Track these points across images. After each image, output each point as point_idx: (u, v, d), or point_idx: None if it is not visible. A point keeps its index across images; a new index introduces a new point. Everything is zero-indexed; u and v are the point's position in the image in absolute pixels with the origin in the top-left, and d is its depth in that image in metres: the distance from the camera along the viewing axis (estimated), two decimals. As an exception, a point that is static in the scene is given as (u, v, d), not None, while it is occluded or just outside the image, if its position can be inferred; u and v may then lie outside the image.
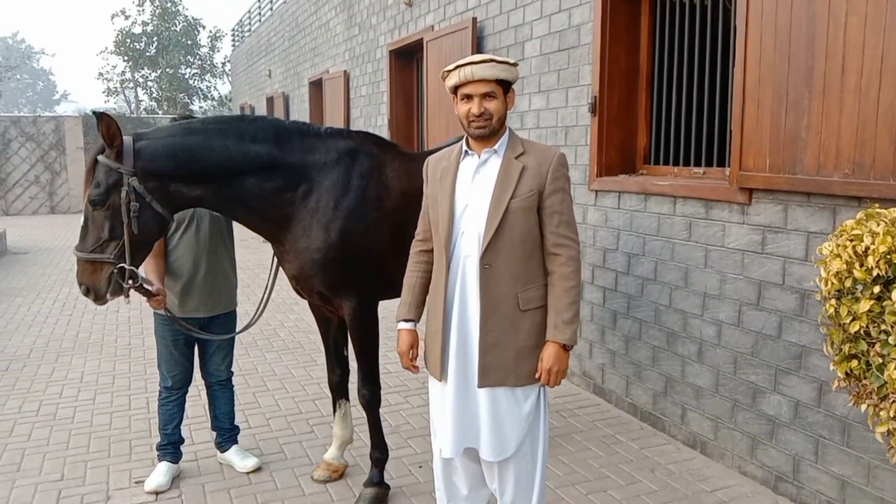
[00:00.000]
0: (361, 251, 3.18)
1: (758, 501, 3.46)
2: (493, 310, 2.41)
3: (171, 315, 3.43)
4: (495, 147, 2.47)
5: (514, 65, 2.44)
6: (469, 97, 2.41)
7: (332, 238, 3.12)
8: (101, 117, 2.79)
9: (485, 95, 2.39)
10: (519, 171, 2.42)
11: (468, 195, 2.46)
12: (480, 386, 2.44)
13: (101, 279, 2.91)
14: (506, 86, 2.44)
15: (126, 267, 2.90)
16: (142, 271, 3.18)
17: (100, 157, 2.88)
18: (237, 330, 3.76)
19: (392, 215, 3.26)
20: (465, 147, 2.53)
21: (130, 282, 2.93)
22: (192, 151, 2.98)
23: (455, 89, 2.45)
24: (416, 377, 5.26)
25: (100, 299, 2.95)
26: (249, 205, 3.12)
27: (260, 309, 3.63)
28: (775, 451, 3.52)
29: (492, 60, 2.37)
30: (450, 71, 2.43)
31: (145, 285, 3.10)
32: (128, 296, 2.99)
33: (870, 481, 3.07)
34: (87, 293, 2.96)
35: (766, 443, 3.57)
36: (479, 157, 2.48)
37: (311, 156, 3.17)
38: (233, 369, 3.83)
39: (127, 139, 2.91)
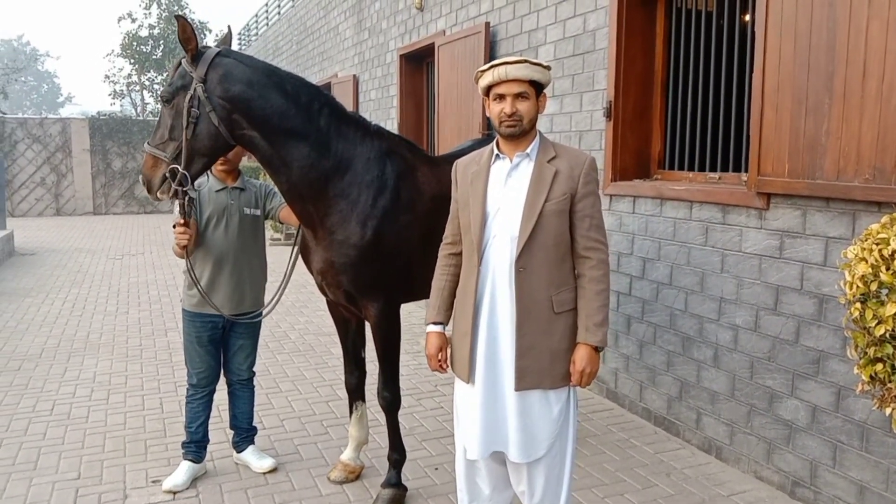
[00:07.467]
0: (394, 253, 3.20)
1: (774, 506, 3.47)
2: (528, 312, 2.42)
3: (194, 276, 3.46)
4: (527, 151, 2.48)
5: (548, 68, 2.47)
6: (502, 97, 2.43)
7: (368, 236, 3.13)
8: (178, 20, 2.94)
9: (517, 96, 2.41)
10: (552, 174, 2.43)
11: (501, 199, 2.47)
12: (518, 389, 2.43)
13: (157, 175, 3.05)
14: (538, 88, 2.46)
15: (179, 169, 2.99)
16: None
17: (183, 59, 3.02)
18: (260, 321, 3.77)
19: (423, 219, 3.28)
20: (496, 150, 2.54)
21: (179, 188, 3.02)
22: (263, 90, 3.02)
23: (488, 90, 2.47)
24: (428, 380, 5.27)
25: (151, 192, 3.09)
26: (295, 172, 3.11)
27: (279, 292, 3.62)
28: (792, 456, 3.52)
29: (526, 61, 2.39)
30: (484, 71, 2.46)
31: (188, 200, 3.15)
32: (180, 200, 3.10)
33: (889, 486, 3.07)
34: (143, 183, 3.10)
35: (783, 447, 3.57)
36: (511, 161, 2.49)
37: (361, 147, 3.21)
38: (254, 370, 3.85)
39: (211, 50, 3.03)
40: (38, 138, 18.67)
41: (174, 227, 3.31)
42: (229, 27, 3.52)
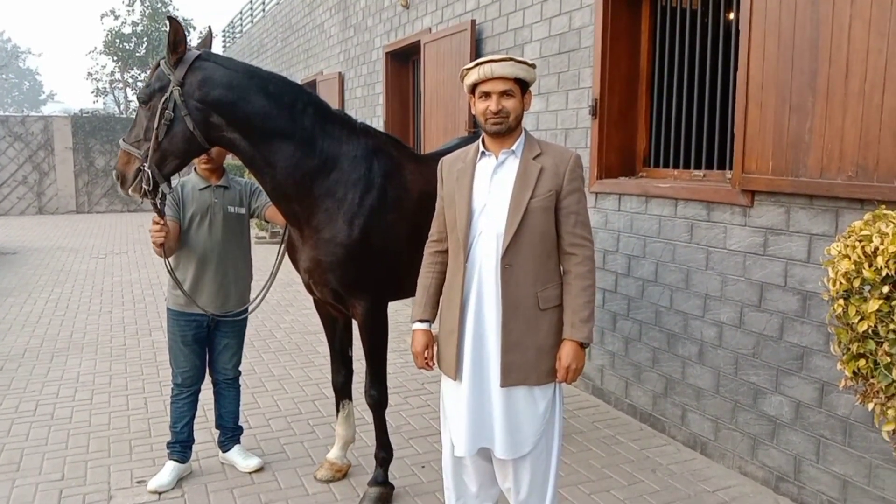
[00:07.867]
0: (381, 251, 3.19)
1: (759, 501, 3.49)
2: (514, 309, 2.42)
3: (172, 272, 3.45)
4: (513, 148, 2.49)
5: (533, 66, 2.47)
6: (487, 95, 2.43)
7: (355, 234, 3.13)
8: (171, 21, 2.93)
9: (503, 93, 2.42)
10: (537, 171, 2.44)
11: (486, 196, 2.48)
12: (503, 385, 2.43)
13: (130, 171, 3.07)
14: (523, 86, 2.47)
15: (145, 168, 2.98)
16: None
17: (162, 61, 3.01)
18: (245, 319, 3.75)
19: (410, 217, 3.28)
20: (481, 148, 2.54)
21: (146, 187, 3.01)
22: (243, 93, 3.01)
23: (473, 88, 2.47)
24: (415, 378, 5.27)
25: (123, 186, 3.11)
26: (280, 172, 3.11)
27: (265, 289, 3.61)
28: (776, 452, 3.55)
29: (511, 59, 2.40)
30: (469, 69, 2.46)
31: (158, 202, 3.14)
32: (150, 199, 3.08)
33: (871, 481, 3.11)
34: (117, 178, 3.13)
35: (767, 443, 3.60)
36: (497, 158, 2.50)
37: (347, 146, 3.20)
38: (240, 369, 3.83)
39: (191, 53, 3.01)
40: (20, 136, 18.47)
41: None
42: (210, 27, 3.50)
